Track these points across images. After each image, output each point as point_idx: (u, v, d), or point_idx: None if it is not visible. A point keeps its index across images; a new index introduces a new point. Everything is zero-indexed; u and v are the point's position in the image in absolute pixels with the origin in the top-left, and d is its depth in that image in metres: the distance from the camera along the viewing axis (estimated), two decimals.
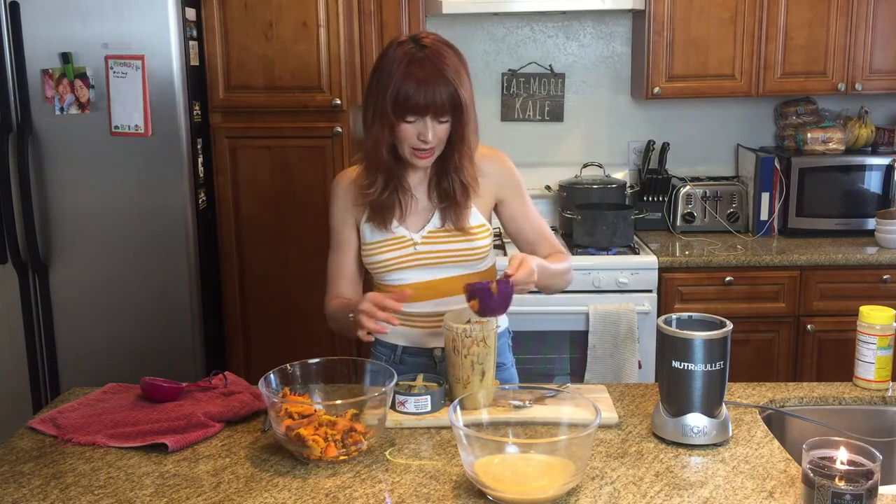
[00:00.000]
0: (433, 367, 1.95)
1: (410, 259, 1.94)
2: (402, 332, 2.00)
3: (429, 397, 1.74)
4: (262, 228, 3.17)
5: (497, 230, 3.58)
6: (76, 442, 1.66)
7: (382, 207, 1.92)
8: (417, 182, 1.96)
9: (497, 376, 1.97)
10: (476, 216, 1.96)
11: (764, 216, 3.54)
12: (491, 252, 2.03)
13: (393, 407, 1.74)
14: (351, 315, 1.82)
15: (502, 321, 2.07)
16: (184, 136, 2.93)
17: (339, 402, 1.62)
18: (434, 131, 1.81)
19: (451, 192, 1.91)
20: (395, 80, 1.78)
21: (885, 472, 1.43)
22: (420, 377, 1.82)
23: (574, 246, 3.37)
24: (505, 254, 3.29)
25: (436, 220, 1.94)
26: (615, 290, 3.18)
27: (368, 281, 2.09)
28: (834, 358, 3.23)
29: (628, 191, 3.65)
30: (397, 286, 1.97)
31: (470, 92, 1.84)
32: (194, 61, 3.03)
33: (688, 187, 3.60)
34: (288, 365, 1.73)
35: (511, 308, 1.83)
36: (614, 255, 3.26)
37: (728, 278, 3.20)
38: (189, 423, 1.69)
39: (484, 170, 1.96)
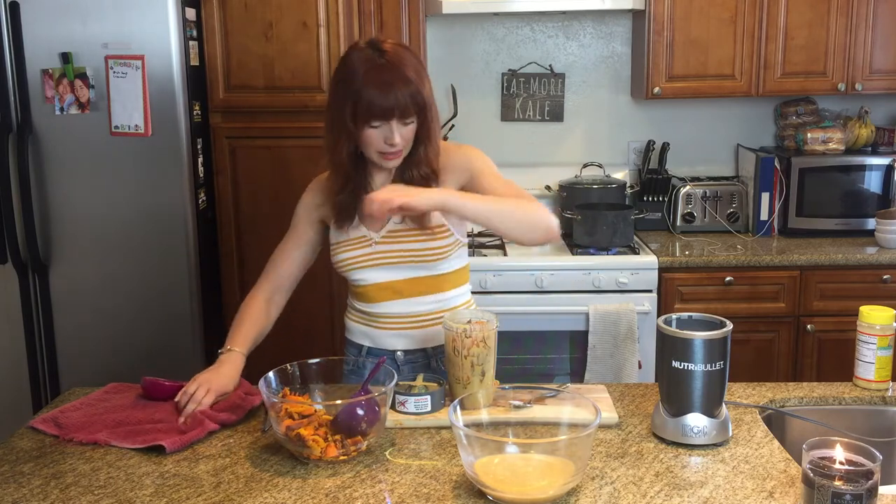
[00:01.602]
0: (397, 369, 1.95)
1: (369, 258, 1.94)
2: (365, 331, 2.02)
3: (429, 397, 1.74)
4: (262, 228, 3.17)
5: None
6: (78, 441, 1.66)
7: (343, 208, 1.93)
8: (382, 182, 1.95)
9: None
10: (436, 216, 1.92)
11: (764, 216, 3.54)
12: (456, 254, 1.97)
13: (393, 407, 1.74)
14: (219, 351, 1.89)
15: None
16: (184, 136, 2.93)
17: (339, 401, 1.62)
18: (400, 134, 1.81)
19: (413, 182, 1.88)
20: (357, 87, 1.78)
21: (885, 472, 1.42)
22: (420, 377, 1.82)
23: (574, 246, 3.37)
24: (505, 253, 3.30)
25: (396, 218, 1.93)
26: (615, 290, 3.18)
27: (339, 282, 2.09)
28: (834, 358, 3.23)
29: (628, 191, 3.66)
30: (360, 286, 1.98)
31: (430, 91, 1.85)
32: (194, 61, 3.03)
33: (688, 187, 3.60)
34: (288, 365, 1.73)
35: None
36: (614, 255, 3.26)
37: (728, 278, 3.20)
38: (189, 423, 1.69)
39: (449, 165, 1.93)
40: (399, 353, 2.00)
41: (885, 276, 3.21)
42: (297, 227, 2.04)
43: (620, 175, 3.72)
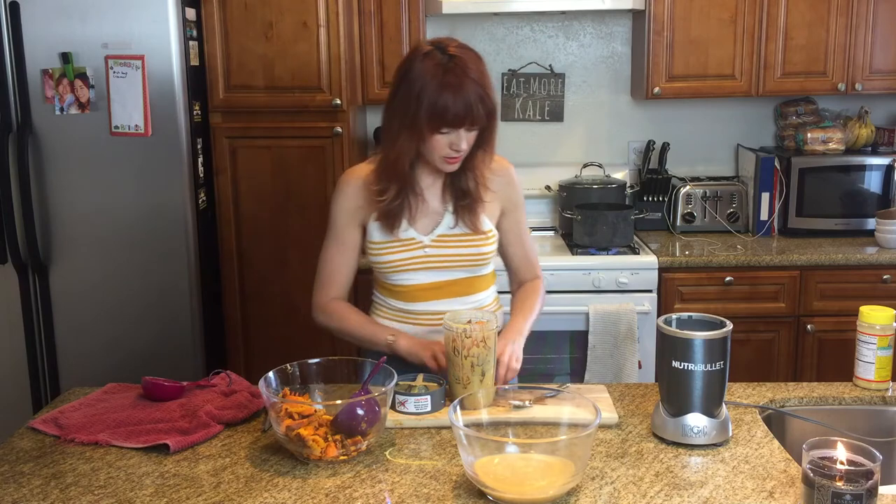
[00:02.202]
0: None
1: (418, 261, 1.95)
2: (399, 328, 2.01)
3: (429, 397, 1.74)
4: (262, 228, 3.17)
5: None
6: (79, 441, 1.66)
7: (392, 213, 1.92)
8: (429, 184, 1.96)
9: None
10: (486, 221, 1.97)
11: (764, 216, 3.54)
12: (494, 256, 2.05)
13: (393, 407, 1.74)
14: (388, 343, 1.93)
15: (499, 322, 2.07)
16: (184, 136, 2.93)
17: (339, 401, 1.62)
18: (467, 140, 1.83)
19: (468, 190, 1.92)
20: (430, 93, 1.77)
21: (885, 472, 1.43)
22: (420, 377, 1.82)
23: (574, 246, 3.37)
24: None
25: (447, 223, 1.95)
26: (615, 290, 3.18)
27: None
28: (834, 358, 3.23)
29: (628, 191, 3.65)
30: (402, 286, 1.98)
31: (495, 95, 1.86)
32: (194, 61, 3.03)
33: (688, 187, 3.60)
34: (288, 365, 1.73)
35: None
36: (614, 255, 3.26)
37: (728, 278, 3.20)
38: (191, 423, 1.69)
39: (494, 178, 1.97)
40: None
41: (885, 276, 3.21)
42: (342, 236, 2.01)
43: (620, 175, 3.71)
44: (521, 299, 2.05)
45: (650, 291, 3.19)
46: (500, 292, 2.14)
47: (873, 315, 1.83)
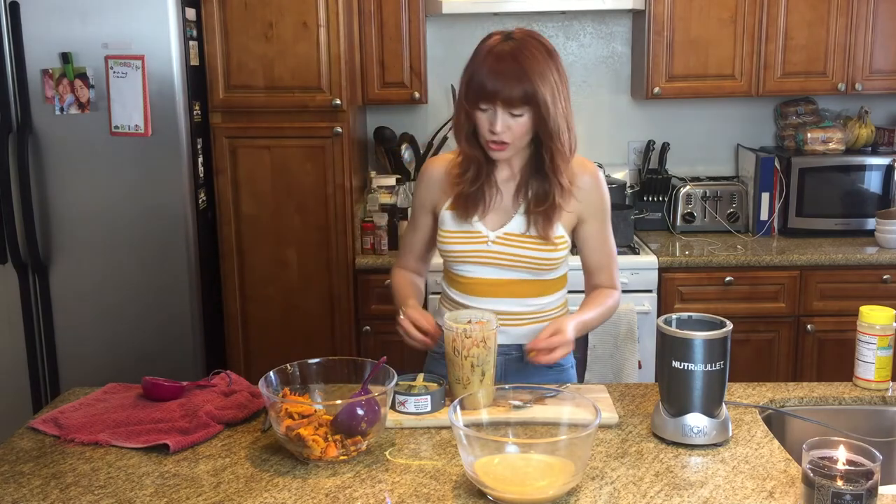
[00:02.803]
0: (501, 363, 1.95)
1: (481, 255, 1.94)
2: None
3: (429, 397, 1.74)
4: (262, 228, 3.17)
5: None
6: (79, 441, 1.66)
7: (469, 199, 1.92)
8: (505, 179, 1.95)
9: (554, 377, 2.02)
10: (558, 227, 1.94)
11: (764, 216, 3.54)
12: (565, 262, 2.03)
13: (393, 407, 1.74)
14: (403, 308, 1.93)
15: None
16: (184, 136, 2.93)
17: (339, 401, 1.62)
18: (503, 122, 1.80)
19: (547, 196, 1.89)
20: (474, 67, 1.80)
21: (885, 472, 1.43)
22: (420, 377, 1.82)
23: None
24: None
25: (517, 223, 1.93)
26: None
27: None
28: (834, 358, 3.23)
29: (628, 191, 3.65)
30: (464, 277, 1.98)
31: (556, 91, 1.81)
32: (194, 61, 3.03)
33: (688, 187, 3.60)
34: (288, 365, 1.73)
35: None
36: None
37: (728, 278, 3.20)
38: (191, 423, 1.69)
39: (577, 182, 1.93)
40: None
41: (885, 276, 3.21)
42: (416, 219, 2.08)
43: (620, 175, 3.71)
44: (593, 297, 2.05)
45: (650, 291, 3.19)
46: (570, 291, 2.13)
47: (873, 315, 1.83)
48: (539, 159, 1.88)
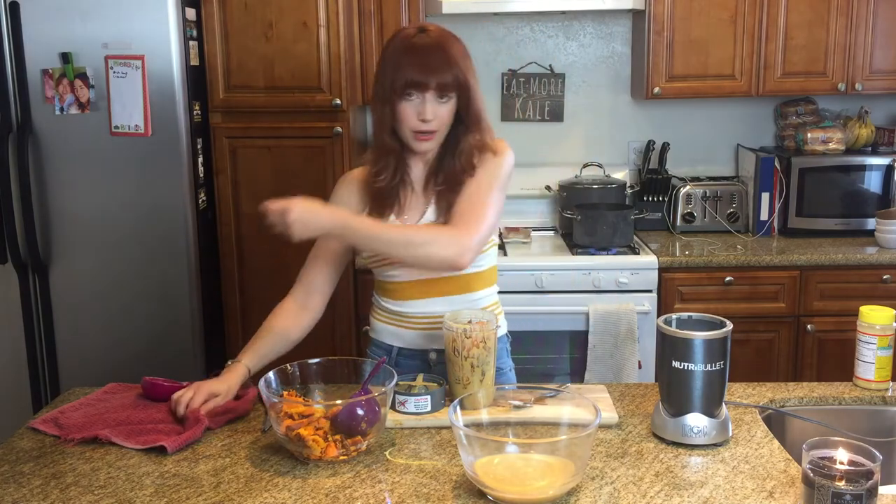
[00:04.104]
0: (428, 369, 1.94)
1: None
2: (395, 332, 1.98)
3: (429, 397, 1.74)
4: (261, 228, 3.16)
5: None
6: (79, 438, 1.66)
7: (384, 197, 1.89)
8: (418, 175, 1.93)
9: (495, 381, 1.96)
10: None
11: (764, 216, 3.54)
12: (486, 254, 1.93)
13: (393, 407, 1.74)
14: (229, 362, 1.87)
15: (501, 324, 2.03)
16: (184, 136, 2.93)
17: (339, 401, 1.62)
18: (434, 110, 1.80)
19: (452, 174, 1.86)
20: (396, 59, 1.80)
21: (885, 472, 1.43)
22: (420, 377, 1.82)
23: (574, 246, 3.37)
24: (505, 253, 3.29)
25: (430, 214, 1.90)
26: (615, 290, 3.18)
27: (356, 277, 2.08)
28: (834, 358, 3.23)
29: (628, 191, 3.65)
30: (391, 282, 1.95)
31: (474, 77, 1.84)
32: (194, 61, 3.03)
33: (688, 187, 3.60)
34: (288, 365, 1.74)
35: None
36: (614, 255, 3.26)
37: (728, 278, 3.20)
38: (190, 422, 1.69)
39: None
40: (432, 353, 1.96)
41: (885, 276, 3.21)
42: (320, 242, 1.99)
43: (620, 175, 3.71)
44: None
45: (650, 291, 3.19)
46: (500, 292, 2.06)
47: (873, 315, 1.83)
48: (448, 142, 1.86)
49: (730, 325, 1.62)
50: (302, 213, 1.69)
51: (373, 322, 2.05)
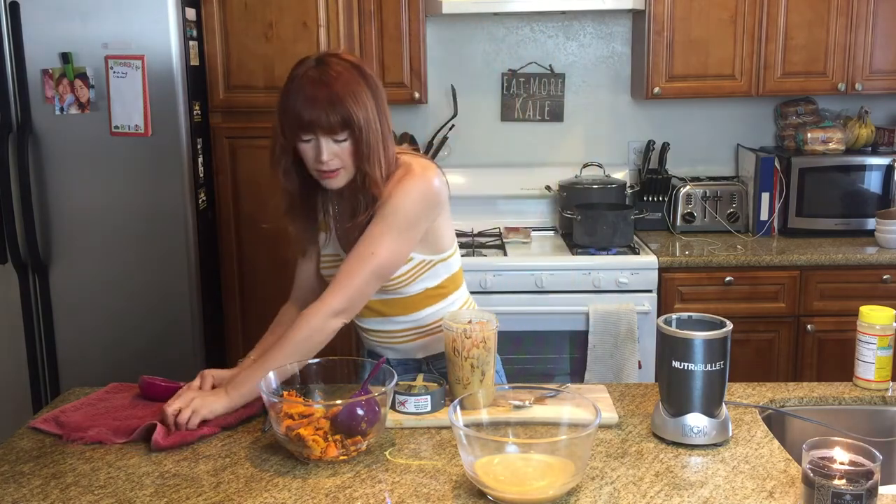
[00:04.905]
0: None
1: None
2: (363, 340, 2.06)
3: (429, 397, 1.74)
4: (262, 228, 3.17)
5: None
6: (80, 438, 1.66)
7: (300, 236, 1.92)
8: (337, 204, 1.90)
9: None
10: None
11: (764, 216, 3.54)
12: (424, 276, 1.90)
13: (393, 407, 1.74)
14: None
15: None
16: (184, 136, 2.93)
17: (339, 401, 1.62)
18: (329, 150, 1.74)
19: (354, 210, 1.82)
20: (288, 98, 1.76)
21: (885, 472, 1.43)
22: (420, 377, 1.82)
23: (574, 246, 3.37)
24: (505, 253, 3.29)
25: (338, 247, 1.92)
26: (615, 290, 3.18)
27: None
28: (834, 358, 3.23)
29: (628, 191, 3.65)
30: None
31: (370, 110, 1.75)
32: (194, 61, 3.03)
33: (688, 187, 3.60)
34: (288, 365, 1.73)
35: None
36: (614, 255, 3.26)
37: (728, 278, 3.20)
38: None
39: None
40: (391, 359, 2.00)
41: (885, 276, 3.21)
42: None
43: (620, 175, 3.71)
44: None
45: (650, 291, 3.19)
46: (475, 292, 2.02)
47: (873, 315, 1.83)
48: (353, 180, 1.80)
49: (730, 325, 1.62)
50: (196, 405, 1.70)
51: (364, 335, 2.09)
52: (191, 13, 2.99)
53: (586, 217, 3.35)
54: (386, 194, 1.80)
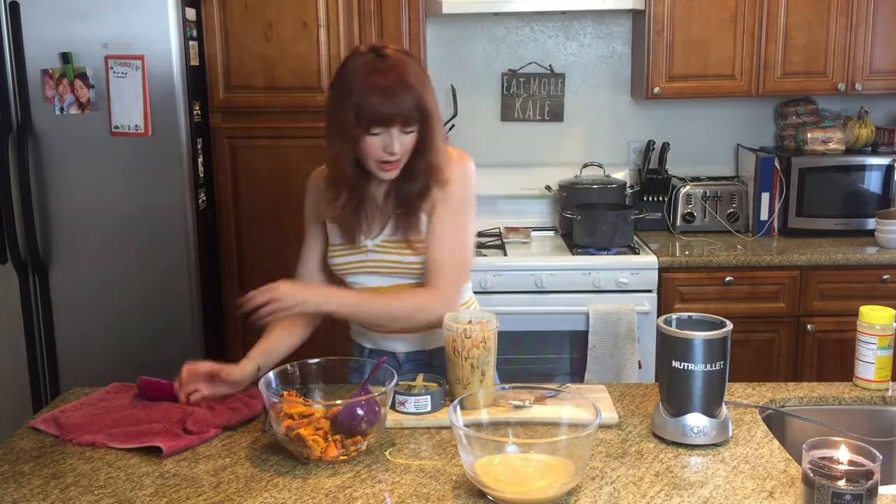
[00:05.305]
0: (398, 367, 1.96)
1: (362, 265, 1.92)
2: (364, 333, 2.03)
3: (429, 397, 1.74)
4: (262, 228, 3.17)
5: (496, 230, 3.59)
6: (77, 442, 1.66)
7: (348, 222, 1.89)
8: (378, 194, 1.91)
9: None
10: (424, 230, 1.89)
11: (764, 216, 3.54)
12: None
13: (393, 407, 1.74)
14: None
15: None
16: (184, 136, 2.93)
17: (339, 401, 1.62)
18: (400, 142, 1.76)
19: (409, 198, 1.85)
20: (358, 93, 1.73)
21: (885, 472, 1.43)
22: (420, 377, 1.82)
23: (574, 246, 3.37)
24: (505, 253, 3.29)
25: (389, 229, 1.90)
26: (615, 290, 3.18)
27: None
28: (834, 358, 3.23)
29: (628, 191, 3.65)
30: (357, 288, 1.95)
31: (434, 99, 1.80)
32: (194, 61, 3.03)
33: (688, 187, 3.60)
34: (288, 365, 1.74)
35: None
36: (614, 255, 3.26)
37: (728, 278, 3.20)
38: (185, 427, 1.69)
39: (448, 174, 1.87)
40: (400, 353, 2.00)
41: (885, 276, 3.21)
42: (307, 227, 2.02)
43: (620, 175, 3.71)
44: (391, 291, 1.90)
45: (650, 291, 3.19)
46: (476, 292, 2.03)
47: (873, 315, 1.83)
48: (410, 166, 1.83)
49: (730, 325, 1.62)
50: (287, 294, 1.75)
51: (354, 327, 2.08)
52: (191, 13, 3.00)
53: (586, 217, 3.35)
54: (444, 180, 1.85)
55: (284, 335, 1.95)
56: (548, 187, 3.71)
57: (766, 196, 3.53)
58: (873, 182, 3.49)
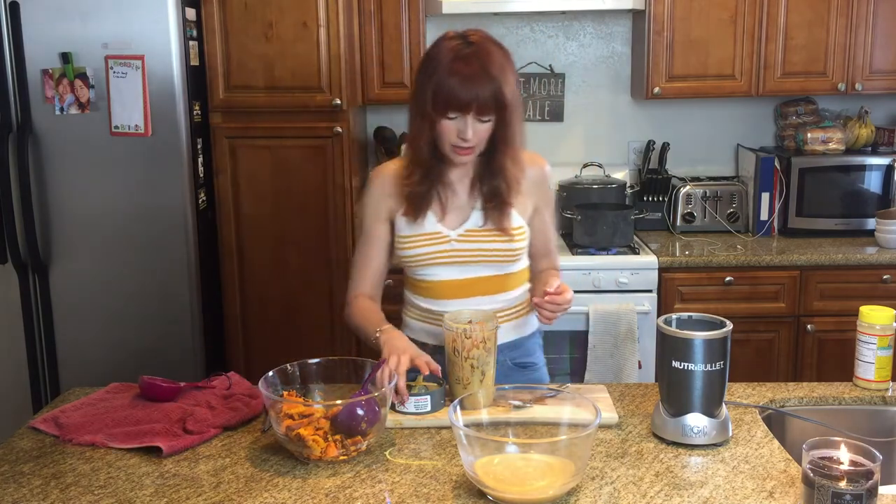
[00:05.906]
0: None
1: (445, 255, 1.94)
2: (429, 330, 2.00)
3: (429, 397, 1.74)
4: (262, 228, 3.17)
5: None
6: (77, 442, 1.66)
7: (420, 200, 1.91)
8: (459, 177, 1.95)
9: (527, 377, 2.01)
10: (516, 218, 1.95)
11: (764, 216, 3.54)
12: (524, 253, 2.01)
13: (393, 407, 1.74)
14: (375, 337, 1.86)
15: (532, 321, 2.07)
16: (184, 136, 2.93)
17: (339, 401, 1.62)
18: (474, 130, 1.80)
19: (498, 192, 1.90)
20: (439, 76, 1.77)
21: (885, 472, 1.43)
22: (420, 377, 1.82)
23: (574, 246, 3.37)
24: None
25: (476, 219, 1.93)
26: (615, 290, 3.18)
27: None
28: (834, 358, 3.23)
29: (628, 191, 3.65)
30: (429, 281, 1.96)
31: (515, 92, 1.83)
32: (194, 61, 3.03)
33: (688, 187, 3.60)
34: (288, 365, 1.73)
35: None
36: (614, 255, 3.26)
37: (728, 278, 3.20)
38: (185, 427, 1.69)
39: (527, 173, 1.95)
40: (430, 345, 1.99)
41: (885, 276, 3.21)
42: (370, 230, 2.00)
43: (620, 175, 3.71)
44: (550, 274, 2.01)
45: (650, 291, 3.19)
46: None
47: (873, 315, 1.83)
48: (490, 158, 1.89)
49: (730, 325, 1.62)
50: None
51: (406, 320, 2.06)
52: (191, 13, 3.00)
53: (586, 217, 3.35)
54: (545, 183, 2.02)
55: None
56: None
57: (766, 196, 3.53)
58: (873, 182, 3.49)
